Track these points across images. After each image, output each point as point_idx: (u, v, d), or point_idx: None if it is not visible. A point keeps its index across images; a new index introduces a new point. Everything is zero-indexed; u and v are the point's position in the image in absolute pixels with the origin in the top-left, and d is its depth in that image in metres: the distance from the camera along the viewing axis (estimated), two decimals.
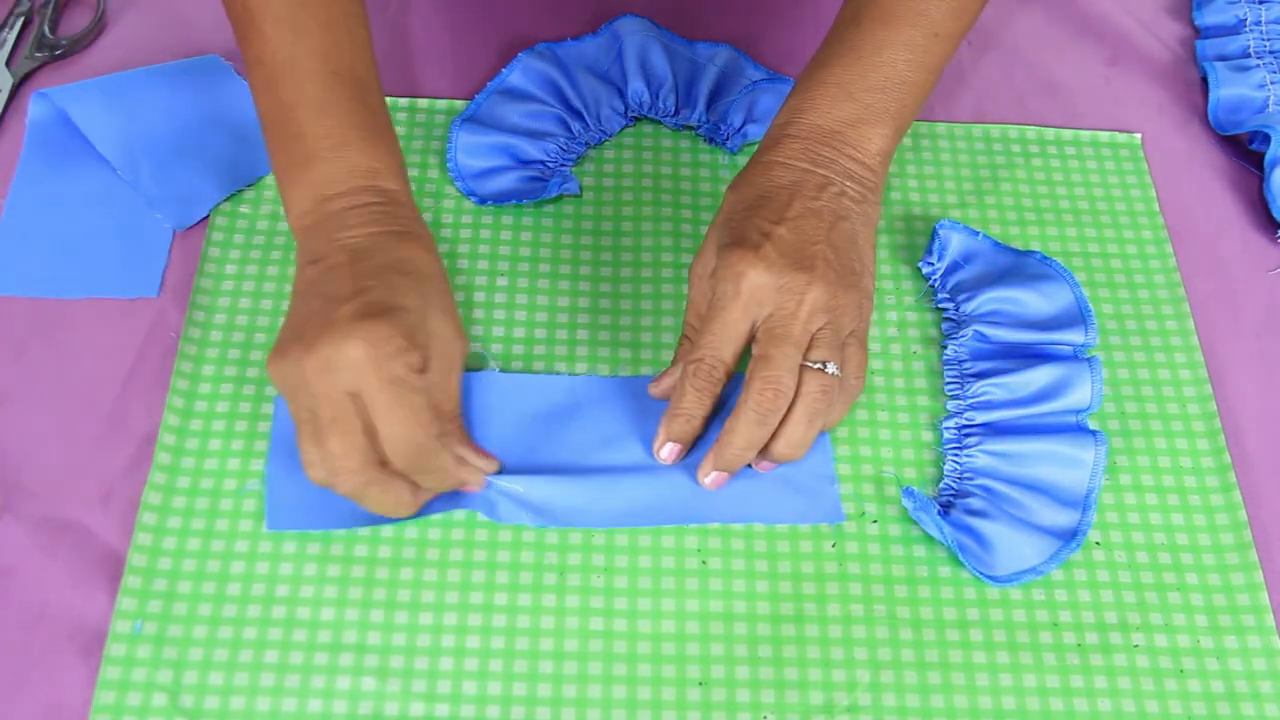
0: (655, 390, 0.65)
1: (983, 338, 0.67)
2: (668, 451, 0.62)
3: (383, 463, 0.56)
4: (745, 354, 0.61)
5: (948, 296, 0.70)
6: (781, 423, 0.60)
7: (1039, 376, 0.65)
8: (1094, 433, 0.64)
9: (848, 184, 0.63)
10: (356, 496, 0.57)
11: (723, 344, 0.60)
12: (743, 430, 0.59)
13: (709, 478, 0.62)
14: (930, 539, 0.62)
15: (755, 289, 0.59)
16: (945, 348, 0.68)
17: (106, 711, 0.55)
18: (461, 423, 0.61)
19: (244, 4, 0.62)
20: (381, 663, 0.57)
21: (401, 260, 0.59)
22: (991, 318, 0.68)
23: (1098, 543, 0.62)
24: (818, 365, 0.59)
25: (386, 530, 0.61)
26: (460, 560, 0.60)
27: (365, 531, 0.61)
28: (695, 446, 0.63)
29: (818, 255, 0.60)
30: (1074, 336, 0.67)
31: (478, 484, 0.61)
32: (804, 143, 0.63)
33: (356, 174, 0.61)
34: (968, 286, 0.69)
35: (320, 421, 0.55)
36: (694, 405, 0.61)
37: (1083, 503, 0.62)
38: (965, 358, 0.67)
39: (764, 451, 0.61)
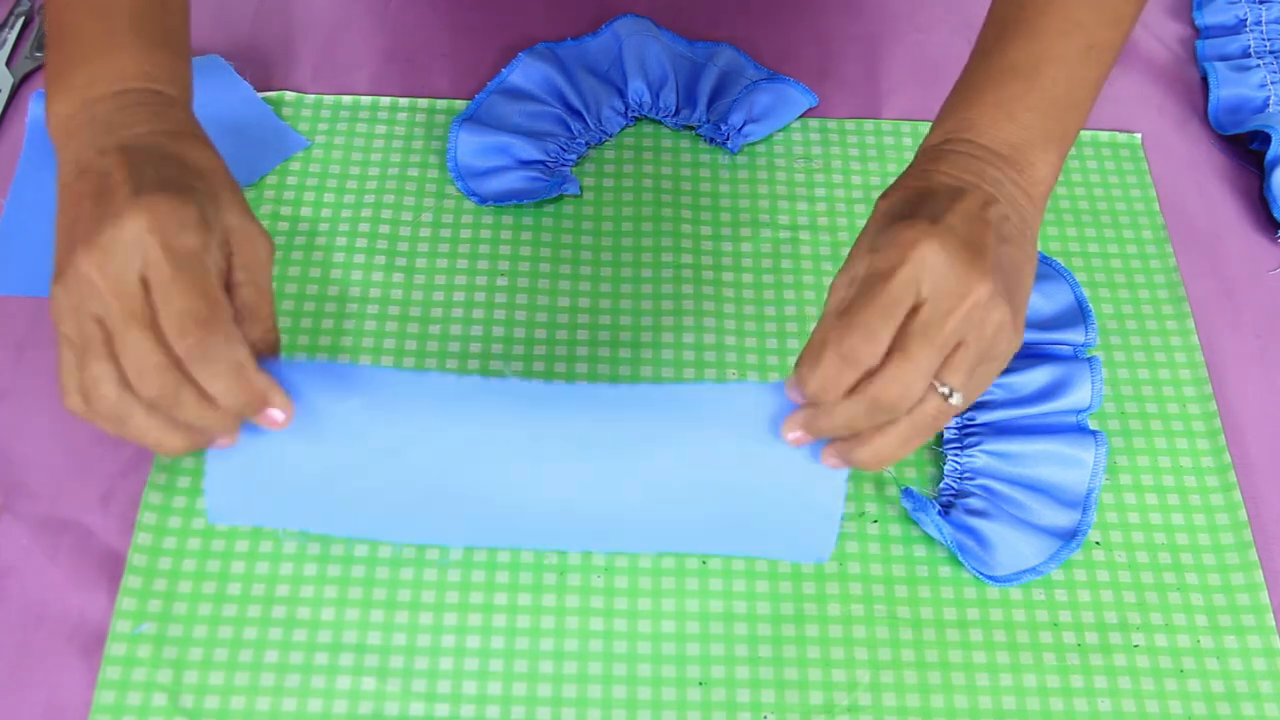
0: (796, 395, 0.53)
1: None
2: (794, 437, 0.53)
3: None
4: None
5: None
6: (878, 430, 0.52)
7: (1039, 376, 0.65)
8: (1094, 433, 0.64)
9: (1011, 211, 0.54)
10: (163, 401, 0.49)
11: (879, 324, 0.50)
12: (865, 426, 0.52)
13: (792, 434, 0.53)
14: (930, 539, 0.62)
15: (926, 262, 0.50)
16: None
17: (107, 711, 0.55)
18: (278, 340, 0.54)
19: None
20: (381, 662, 0.57)
21: (181, 154, 0.53)
22: None
23: (1098, 543, 0.62)
24: (945, 389, 0.51)
25: None
26: (460, 560, 0.60)
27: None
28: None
29: (990, 252, 0.51)
30: (1074, 336, 0.67)
31: (280, 406, 0.51)
32: (967, 159, 0.55)
33: (127, 76, 0.55)
34: None
35: (111, 322, 0.48)
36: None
37: (1083, 503, 0.62)
38: None
39: (841, 447, 0.53)
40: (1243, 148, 0.79)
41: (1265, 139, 0.76)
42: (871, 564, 0.61)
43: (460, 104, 0.77)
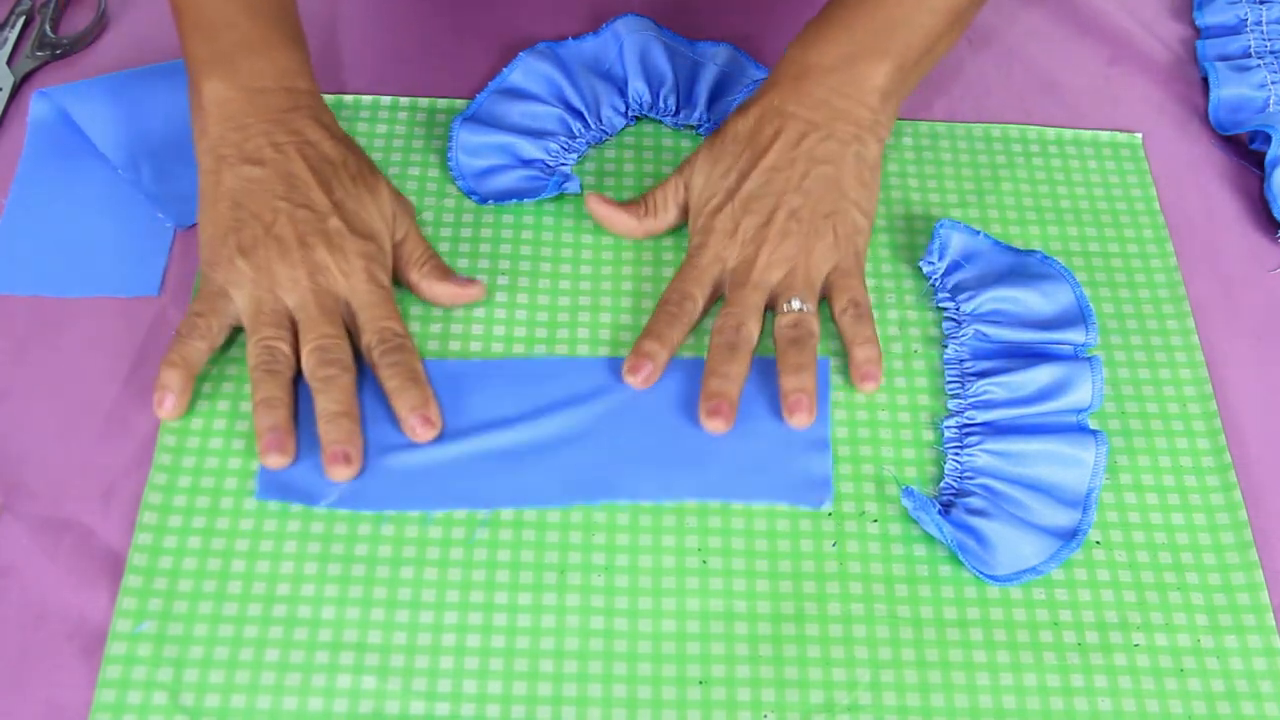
0: (600, 209, 0.70)
1: (983, 337, 0.67)
2: (638, 379, 0.65)
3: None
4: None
5: (948, 296, 0.70)
6: (781, 372, 0.64)
7: (1040, 376, 0.65)
8: (1094, 432, 0.64)
9: (836, 124, 0.68)
10: (328, 379, 0.62)
11: (691, 285, 0.67)
12: (716, 362, 0.64)
13: (707, 421, 0.64)
14: (930, 539, 0.62)
15: (720, 243, 0.67)
16: (946, 347, 0.68)
17: (107, 710, 0.55)
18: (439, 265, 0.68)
19: None
20: (382, 661, 0.57)
21: (345, 160, 0.66)
22: (992, 317, 0.68)
23: (1098, 542, 0.62)
24: (787, 306, 0.65)
25: (387, 529, 0.61)
26: (460, 560, 0.60)
27: (365, 530, 0.61)
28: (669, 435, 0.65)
29: (781, 208, 0.66)
30: (1074, 336, 0.67)
31: (433, 419, 0.63)
32: (795, 83, 0.68)
33: (288, 75, 0.67)
34: (969, 286, 0.69)
35: (308, 315, 0.63)
36: (666, 330, 0.66)
37: (1083, 502, 0.62)
38: (966, 357, 0.67)
39: (790, 404, 0.64)
40: (1243, 148, 0.79)
41: (1265, 139, 0.76)
42: (871, 564, 0.61)
43: (460, 103, 0.77)
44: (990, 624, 0.60)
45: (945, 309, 0.70)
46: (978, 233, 0.71)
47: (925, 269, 0.71)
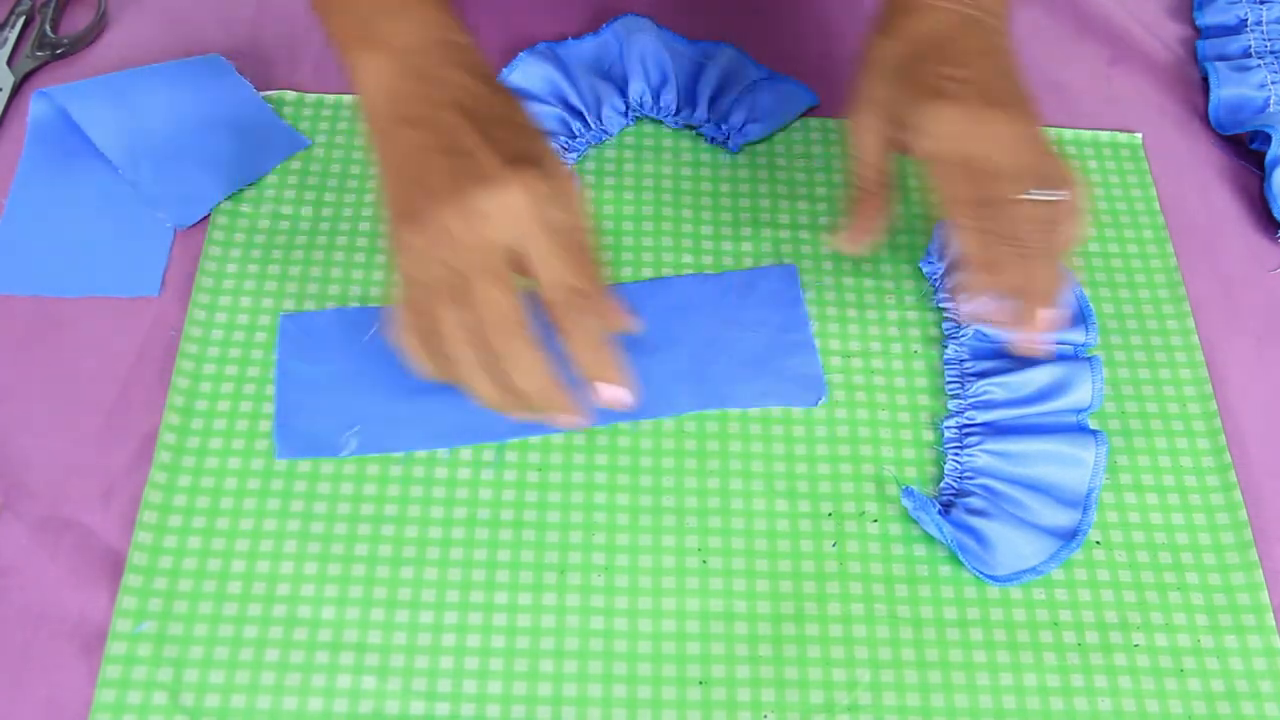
0: (844, 241, 0.66)
1: (984, 337, 0.67)
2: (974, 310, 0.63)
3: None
4: None
5: (949, 296, 0.70)
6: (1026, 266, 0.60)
7: (1040, 376, 0.65)
8: (1095, 432, 0.64)
9: (988, 17, 0.64)
10: (503, 353, 0.55)
11: (962, 187, 0.60)
12: (1017, 270, 0.60)
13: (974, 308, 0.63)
14: (930, 539, 0.62)
15: (966, 136, 0.60)
16: (946, 347, 0.68)
17: (107, 710, 0.55)
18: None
19: None
20: (382, 662, 0.57)
21: (513, 113, 0.58)
22: None
23: (1098, 542, 0.62)
24: (1039, 195, 0.60)
25: (387, 529, 0.61)
26: (460, 560, 0.60)
27: (365, 530, 0.61)
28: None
29: (1005, 92, 0.61)
30: (1074, 336, 0.67)
31: (620, 383, 0.57)
32: None
33: (434, 28, 0.60)
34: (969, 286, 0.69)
35: (468, 274, 0.54)
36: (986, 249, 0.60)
37: (1083, 502, 0.62)
38: (966, 357, 0.67)
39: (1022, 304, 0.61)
40: (1243, 148, 0.79)
41: (1265, 139, 0.76)
42: (871, 564, 0.61)
43: None
44: (990, 624, 0.60)
45: (945, 309, 0.70)
46: None
47: (925, 269, 0.71)
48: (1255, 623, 0.60)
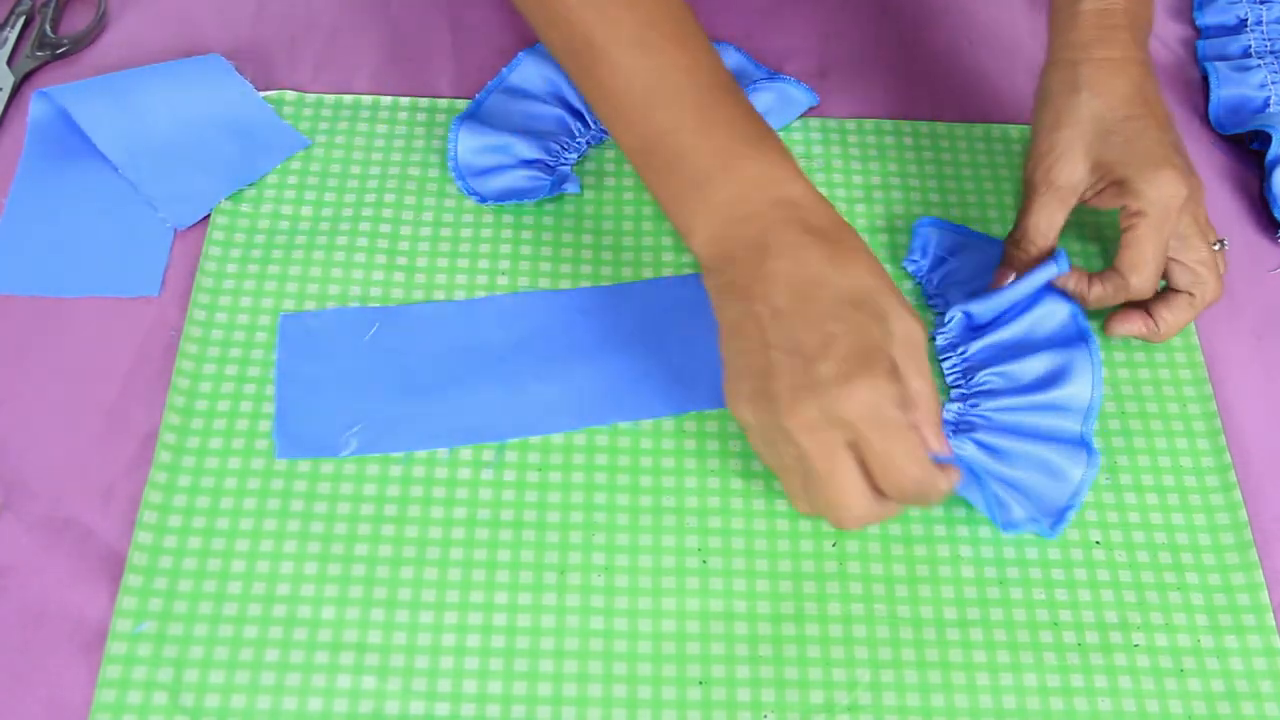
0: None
1: (971, 321, 0.67)
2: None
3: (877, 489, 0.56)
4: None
5: (938, 292, 0.70)
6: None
7: (1038, 365, 0.65)
8: (1091, 450, 0.63)
9: (1148, 56, 0.66)
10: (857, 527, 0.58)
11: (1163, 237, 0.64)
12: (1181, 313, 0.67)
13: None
14: (931, 539, 0.62)
15: (1182, 203, 0.64)
16: (935, 339, 0.68)
17: (107, 710, 0.55)
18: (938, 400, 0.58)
19: (586, 37, 0.59)
20: (382, 662, 0.57)
21: (846, 284, 0.56)
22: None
23: (1098, 542, 0.62)
24: (1216, 244, 0.67)
25: (387, 529, 0.61)
26: (460, 560, 0.60)
27: (365, 530, 0.61)
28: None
29: (1181, 148, 0.65)
30: (1045, 270, 0.67)
31: (954, 481, 0.57)
32: (1131, 32, 0.65)
33: (760, 186, 0.58)
34: (959, 279, 0.69)
35: (815, 473, 0.55)
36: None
37: (1054, 517, 0.62)
38: (957, 341, 0.67)
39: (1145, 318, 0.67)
40: (1243, 148, 0.79)
41: (1265, 139, 0.76)
42: (871, 564, 0.61)
43: (461, 103, 0.77)
44: (990, 624, 0.60)
45: (934, 305, 0.70)
46: (960, 228, 0.71)
47: (910, 268, 0.71)
48: (1255, 623, 0.60)
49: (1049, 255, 0.66)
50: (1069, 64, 0.65)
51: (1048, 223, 0.66)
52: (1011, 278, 0.66)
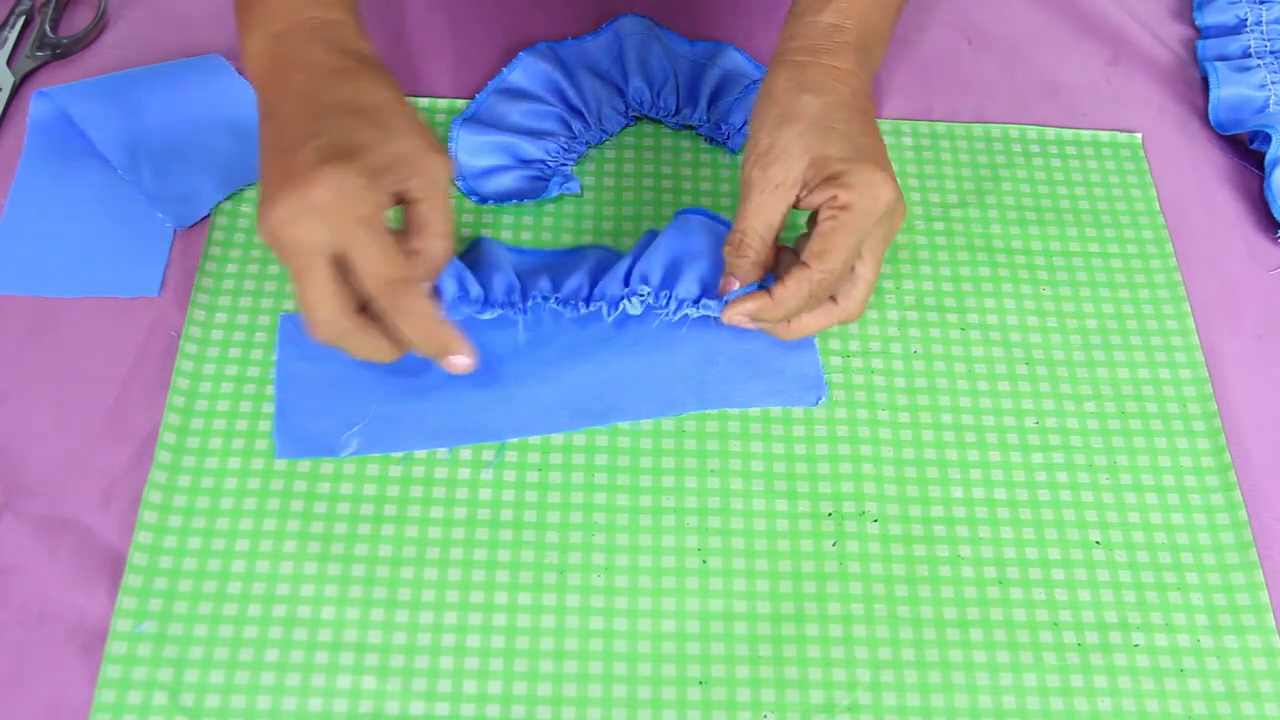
0: (735, 314, 0.65)
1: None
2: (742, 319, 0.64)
3: (363, 309, 0.57)
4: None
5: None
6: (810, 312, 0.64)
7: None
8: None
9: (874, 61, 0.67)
10: (336, 344, 0.57)
11: (845, 256, 0.61)
12: (806, 308, 0.63)
13: (739, 317, 0.64)
14: (930, 538, 0.62)
15: (888, 208, 0.61)
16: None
17: (107, 710, 0.55)
18: (449, 250, 0.59)
19: None
20: (382, 662, 0.57)
21: (351, 96, 0.58)
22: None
23: (1097, 542, 0.62)
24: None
25: (387, 529, 0.61)
26: (460, 560, 0.60)
27: (365, 530, 0.61)
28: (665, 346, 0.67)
29: (889, 163, 0.63)
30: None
31: (463, 353, 0.59)
32: (857, 52, 0.64)
33: (295, 7, 0.60)
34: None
35: (290, 273, 0.55)
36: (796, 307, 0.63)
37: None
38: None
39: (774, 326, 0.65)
40: (1243, 148, 0.79)
41: (1265, 139, 0.77)
42: (871, 564, 0.61)
43: (460, 103, 0.77)
44: (990, 624, 0.60)
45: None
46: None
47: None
48: (1255, 623, 0.60)
49: (770, 260, 0.64)
50: (797, 65, 0.64)
51: (764, 224, 0.62)
52: (736, 286, 0.64)
